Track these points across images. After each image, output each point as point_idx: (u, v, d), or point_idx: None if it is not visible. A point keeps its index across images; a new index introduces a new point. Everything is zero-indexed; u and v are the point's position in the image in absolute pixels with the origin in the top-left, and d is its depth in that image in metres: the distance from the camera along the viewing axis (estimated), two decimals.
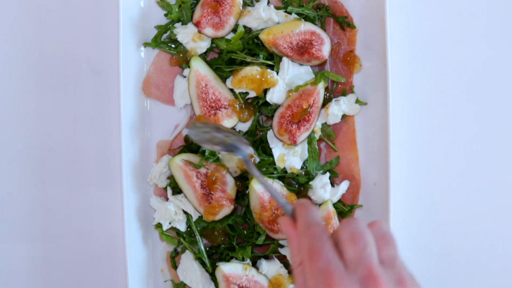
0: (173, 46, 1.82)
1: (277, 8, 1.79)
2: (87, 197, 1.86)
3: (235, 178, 1.77)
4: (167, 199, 1.79)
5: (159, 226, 1.78)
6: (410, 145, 1.83)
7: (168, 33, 1.82)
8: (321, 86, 1.73)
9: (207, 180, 1.74)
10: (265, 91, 1.75)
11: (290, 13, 1.78)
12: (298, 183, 1.78)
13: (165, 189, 1.80)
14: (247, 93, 1.76)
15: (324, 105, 1.77)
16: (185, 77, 1.79)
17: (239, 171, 1.77)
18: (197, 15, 1.77)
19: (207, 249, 1.78)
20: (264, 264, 1.75)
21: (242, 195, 1.78)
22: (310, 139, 1.76)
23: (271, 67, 1.77)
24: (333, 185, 1.79)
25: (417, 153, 1.83)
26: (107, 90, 1.86)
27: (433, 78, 1.84)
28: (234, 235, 1.77)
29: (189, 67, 1.76)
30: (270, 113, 1.77)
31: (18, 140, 1.88)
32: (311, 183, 1.75)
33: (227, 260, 1.76)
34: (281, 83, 1.75)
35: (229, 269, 1.71)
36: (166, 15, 1.82)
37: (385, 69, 1.69)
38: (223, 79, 1.78)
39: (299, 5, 1.79)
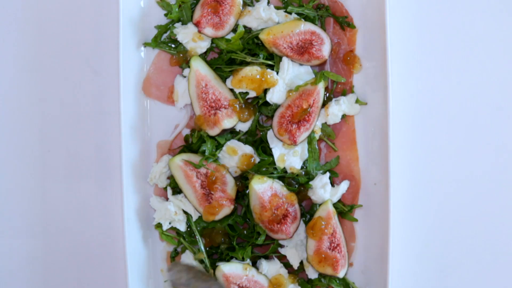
0: (173, 46, 1.82)
1: (277, 8, 1.79)
2: (87, 197, 1.86)
3: (235, 178, 1.76)
4: (167, 199, 1.79)
5: (159, 226, 1.78)
6: (410, 145, 1.83)
7: (168, 33, 1.82)
8: (321, 86, 1.73)
9: (207, 180, 1.74)
10: (265, 91, 1.75)
11: (290, 13, 1.78)
12: (298, 183, 1.78)
13: (165, 189, 1.80)
14: (247, 93, 1.76)
15: (324, 105, 1.77)
16: (185, 77, 1.79)
17: (239, 171, 1.77)
18: (197, 15, 1.76)
19: (207, 249, 1.78)
20: (264, 264, 1.75)
21: (242, 195, 1.78)
22: (310, 139, 1.76)
23: (271, 67, 1.77)
24: (333, 185, 1.79)
25: (417, 153, 1.83)
26: (107, 90, 1.86)
27: (433, 78, 1.84)
28: (234, 235, 1.77)
29: (189, 67, 1.76)
30: (270, 113, 1.77)
31: (18, 140, 1.89)
32: (311, 183, 1.75)
33: (227, 260, 1.76)
34: (281, 83, 1.75)
35: (229, 269, 1.71)
36: (166, 15, 1.82)
37: (385, 69, 1.69)
38: (223, 79, 1.78)
39: (299, 5, 1.79)
